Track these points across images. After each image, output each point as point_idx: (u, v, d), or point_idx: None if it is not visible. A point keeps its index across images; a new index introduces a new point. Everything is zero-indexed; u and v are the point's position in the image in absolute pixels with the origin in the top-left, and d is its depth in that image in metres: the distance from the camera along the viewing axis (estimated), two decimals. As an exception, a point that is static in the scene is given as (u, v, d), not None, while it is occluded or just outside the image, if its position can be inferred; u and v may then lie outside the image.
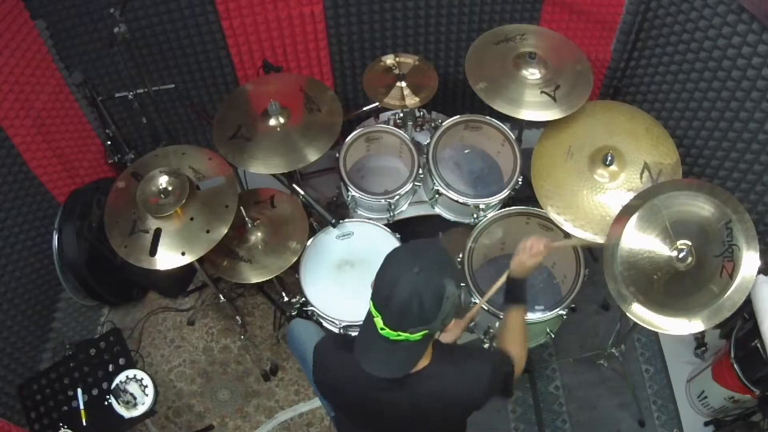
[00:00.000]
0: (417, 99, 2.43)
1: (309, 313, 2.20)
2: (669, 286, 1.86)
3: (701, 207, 1.86)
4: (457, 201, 2.33)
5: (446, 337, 1.71)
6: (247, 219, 2.22)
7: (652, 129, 2.21)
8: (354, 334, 1.53)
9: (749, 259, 1.77)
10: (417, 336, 1.27)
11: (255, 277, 2.23)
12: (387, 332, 1.27)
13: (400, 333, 1.26)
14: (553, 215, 2.12)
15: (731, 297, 1.77)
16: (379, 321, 1.28)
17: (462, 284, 2.23)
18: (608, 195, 2.12)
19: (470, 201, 2.32)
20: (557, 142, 2.25)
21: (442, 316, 1.27)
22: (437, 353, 1.41)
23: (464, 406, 1.47)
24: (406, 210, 2.50)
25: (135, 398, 2.00)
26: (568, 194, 2.15)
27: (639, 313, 1.86)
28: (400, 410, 1.43)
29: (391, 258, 1.32)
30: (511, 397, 1.56)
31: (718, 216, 1.82)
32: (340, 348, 1.48)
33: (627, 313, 1.87)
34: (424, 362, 1.38)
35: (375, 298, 1.29)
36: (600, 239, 2.05)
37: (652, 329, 1.86)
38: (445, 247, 1.40)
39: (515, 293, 1.71)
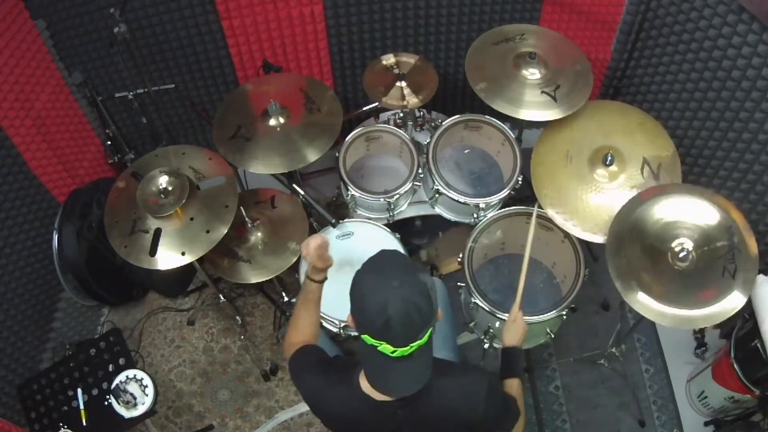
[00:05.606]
0: (417, 99, 2.43)
1: (309, 313, 2.20)
2: (670, 286, 1.86)
3: (703, 210, 1.87)
4: (457, 201, 2.32)
5: None
6: (247, 219, 2.22)
7: (645, 123, 2.21)
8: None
9: (750, 260, 1.77)
10: (426, 338, 1.28)
11: (255, 277, 2.23)
12: (400, 352, 1.25)
13: (412, 345, 1.26)
14: (560, 221, 2.12)
15: (732, 297, 1.77)
16: (386, 347, 1.25)
17: (461, 284, 2.23)
18: (612, 195, 2.12)
19: (470, 201, 2.32)
20: (554, 147, 2.24)
21: (435, 306, 1.29)
22: (434, 369, 1.40)
23: (465, 419, 1.45)
24: (406, 210, 2.50)
25: (135, 398, 2.00)
26: (571, 199, 2.15)
27: (644, 301, 1.86)
28: (399, 428, 1.43)
29: (360, 289, 1.29)
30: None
31: (720, 220, 1.83)
32: (332, 382, 1.45)
33: (632, 305, 1.87)
34: None
35: (370, 329, 1.26)
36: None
37: (653, 320, 1.86)
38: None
39: (508, 365, 1.72)
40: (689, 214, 1.90)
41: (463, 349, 2.61)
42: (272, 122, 2.24)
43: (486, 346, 2.29)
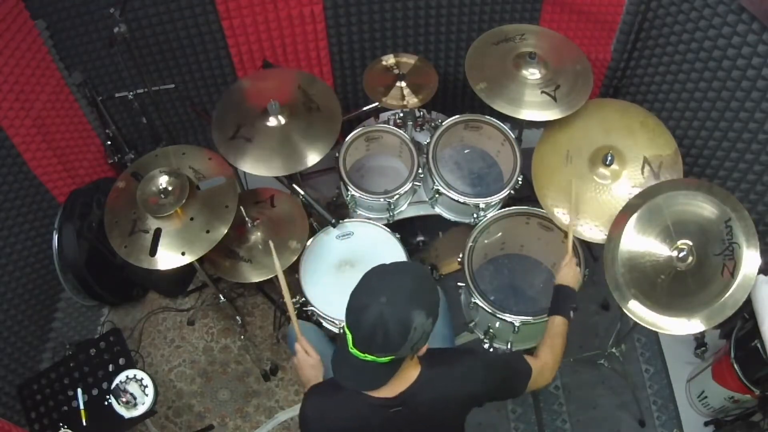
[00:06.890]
0: (417, 99, 2.43)
1: (309, 313, 2.20)
2: (671, 287, 1.86)
3: (700, 206, 1.87)
4: (457, 201, 2.32)
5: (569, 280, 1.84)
6: (247, 219, 2.22)
7: (647, 122, 2.21)
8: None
9: (750, 257, 1.77)
10: (384, 360, 1.28)
11: (255, 277, 2.23)
12: (355, 352, 1.29)
13: (367, 355, 1.28)
14: (560, 218, 2.13)
15: (733, 295, 1.77)
16: (349, 339, 1.30)
17: (461, 284, 2.23)
18: (612, 194, 2.12)
19: (470, 200, 2.32)
20: (554, 147, 2.24)
21: (409, 344, 1.27)
22: (426, 360, 1.41)
23: (463, 403, 1.48)
24: (406, 210, 2.50)
25: (135, 398, 2.00)
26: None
27: (640, 313, 1.86)
28: (404, 426, 1.43)
29: (365, 280, 1.32)
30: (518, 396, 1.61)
31: (718, 214, 1.83)
32: (331, 392, 1.46)
33: (628, 314, 1.87)
34: (413, 373, 1.39)
35: (347, 317, 1.30)
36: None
37: (655, 330, 1.86)
38: (424, 270, 1.42)
39: (556, 302, 1.80)
40: (686, 212, 1.90)
41: (463, 349, 2.61)
42: (272, 122, 2.23)
43: (486, 346, 2.28)
